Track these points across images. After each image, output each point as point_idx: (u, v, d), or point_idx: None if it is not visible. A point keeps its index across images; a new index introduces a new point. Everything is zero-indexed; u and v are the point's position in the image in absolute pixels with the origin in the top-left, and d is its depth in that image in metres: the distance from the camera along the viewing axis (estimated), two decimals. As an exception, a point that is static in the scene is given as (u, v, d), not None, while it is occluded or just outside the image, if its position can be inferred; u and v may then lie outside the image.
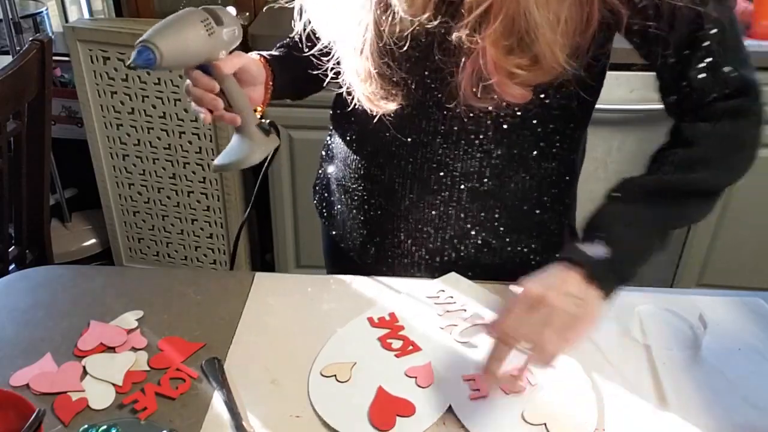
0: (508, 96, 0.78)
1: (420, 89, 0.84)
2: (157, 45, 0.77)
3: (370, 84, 0.84)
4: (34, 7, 2.21)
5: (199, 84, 0.84)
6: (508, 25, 0.72)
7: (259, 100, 0.92)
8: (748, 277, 2.07)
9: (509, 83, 0.76)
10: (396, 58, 0.82)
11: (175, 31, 0.79)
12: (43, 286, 0.92)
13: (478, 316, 0.86)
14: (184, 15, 0.81)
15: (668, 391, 0.76)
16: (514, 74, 0.75)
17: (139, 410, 0.72)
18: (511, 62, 0.74)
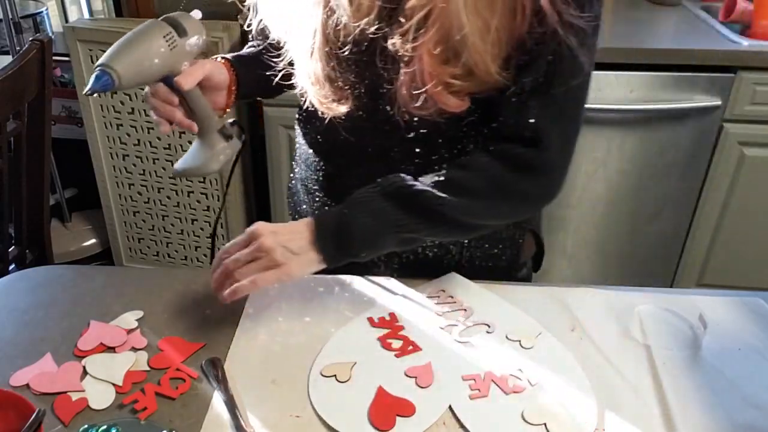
0: (445, 105, 0.78)
1: (368, 93, 0.85)
2: (114, 68, 0.76)
3: (320, 87, 0.85)
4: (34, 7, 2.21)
5: (158, 96, 0.85)
6: (442, 33, 0.73)
7: (222, 104, 0.93)
8: (747, 277, 2.07)
9: (445, 93, 0.77)
10: (342, 63, 0.83)
11: (133, 51, 0.78)
12: (43, 286, 0.92)
13: (477, 316, 0.86)
14: (144, 31, 0.80)
15: (668, 391, 0.76)
16: (449, 84, 0.76)
17: (139, 410, 0.72)
18: (446, 71, 0.75)
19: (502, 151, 0.81)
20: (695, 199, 1.97)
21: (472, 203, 0.81)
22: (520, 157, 0.80)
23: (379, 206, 0.81)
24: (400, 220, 0.80)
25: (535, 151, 0.80)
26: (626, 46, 1.79)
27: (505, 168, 0.81)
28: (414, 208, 0.80)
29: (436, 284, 0.92)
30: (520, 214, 0.88)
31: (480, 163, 0.82)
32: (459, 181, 0.81)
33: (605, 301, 0.90)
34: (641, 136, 1.87)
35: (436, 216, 0.80)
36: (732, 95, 1.81)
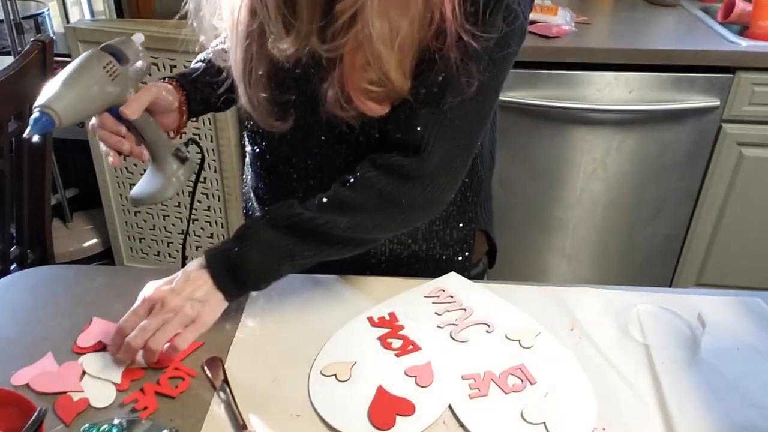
0: (364, 109, 0.79)
1: (307, 109, 0.85)
2: (53, 108, 0.74)
3: (261, 110, 0.85)
4: (35, 8, 2.21)
5: (105, 127, 0.84)
6: (357, 37, 0.74)
7: (175, 126, 0.93)
8: (746, 276, 2.07)
9: (362, 98, 0.77)
10: (281, 84, 0.84)
11: (72, 88, 0.76)
12: (45, 285, 0.93)
13: (477, 315, 0.87)
14: (82, 65, 0.78)
15: (667, 391, 0.76)
16: (366, 89, 0.77)
17: (139, 409, 0.72)
18: (363, 77, 0.76)
19: (387, 163, 0.82)
20: (694, 199, 1.98)
21: (360, 220, 0.82)
22: (403, 168, 0.81)
23: (268, 238, 0.81)
24: (291, 249, 0.81)
25: (418, 161, 0.80)
26: (625, 47, 1.79)
27: (390, 179, 0.81)
28: (304, 235, 0.81)
29: (435, 284, 0.93)
30: (409, 223, 0.87)
31: (365, 178, 0.82)
32: (345, 200, 0.81)
33: (604, 300, 0.91)
34: (640, 137, 1.88)
35: (326, 238, 0.81)
36: (731, 96, 1.81)
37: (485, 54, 0.77)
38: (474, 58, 0.76)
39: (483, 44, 0.75)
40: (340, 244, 0.83)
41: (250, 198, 1.05)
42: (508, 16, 0.76)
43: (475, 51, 0.76)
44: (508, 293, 0.91)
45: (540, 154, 1.93)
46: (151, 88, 0.86)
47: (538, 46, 1.78)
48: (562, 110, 1.84)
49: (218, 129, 1.96)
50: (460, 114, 0.80)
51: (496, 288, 0.92)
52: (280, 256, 0.81)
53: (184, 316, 0.78)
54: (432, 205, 0.85)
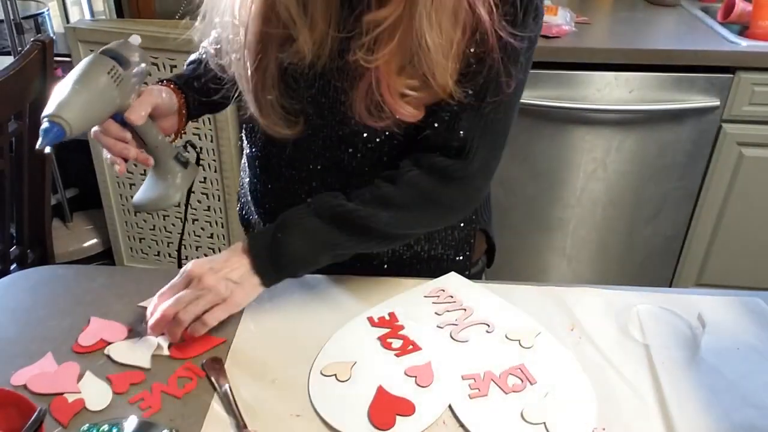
0: (400, 115, 0.79)
1: (319, 113, 0.85)
2: (63, 117, 0.74)
3: (270, 114, 0.85)
4: (35, 8, 2.21)
5: (110, 134, 0.84)
6: (402, 46, 0.74)
7: (173, 129, 0.93)
8: (746, 276, 2.07)
9: (401, 102, 0.78)
10: (296, 88, 0.84)
11: (80, 96, 0.76)
12: (45, 285, 0.93)
13: (477, 315, 0.87)
14: (88, 72, 0.78)
15: (667, 391, 0.76)
16: (404, 94, 0.77)
17: (143, 409, 0.72)
18: (402, 82, 0.77)
19: (430, 164, 0.83)
20: (694, 199, 1.98)
21: (401, 216, 0.84)
22: (447, 169, 0.83)
23: (311, 226, 0.83)
24: (332, 238, 0.83)
25: (462, 162, 0.83)
26: (625, 47, 1.79)
27: (433, 179, 0.84)
28: (345, 226, 0.83)
29: (435, 284, 0.93)
30: (446, 221, 0.92)
31: (409, 176, 0.84)
32: (388, 196, 0.83)
33: (604, 300, 0.91)
34: (640, 137, 1.88)
35: (367, 231, 0.84)
36: (731, 96, 1.81)
37: (521, 55, 0.79)
38: (513, 59, 0.78)
39: (520, 45, 0.77)
40: (380, 237, 0.85)
41: (248, 201, 1.05)
42: (536, 16, 0.78)
43: (514, 52, 0.77)
44: (508, 293, 0.91)
45: (540, 154, 1.93)
46: (152, 91, 0.86)
47: (538, 46, 1.76)
48: (562, 110, 1.84)
49: (218, 129, 1.96)
50: (498, 115, 0.82)
51: (496, 288, 0.92)
52: (321, 245, 0.83)
53: (217, 295, 0.79)
54: (469, 205, 0.89)
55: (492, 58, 0.76)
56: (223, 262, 0.82)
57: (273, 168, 0.95)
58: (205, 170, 2.04)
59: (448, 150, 0.83)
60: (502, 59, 0.77)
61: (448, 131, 0.82)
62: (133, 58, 0.82)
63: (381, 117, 0.80)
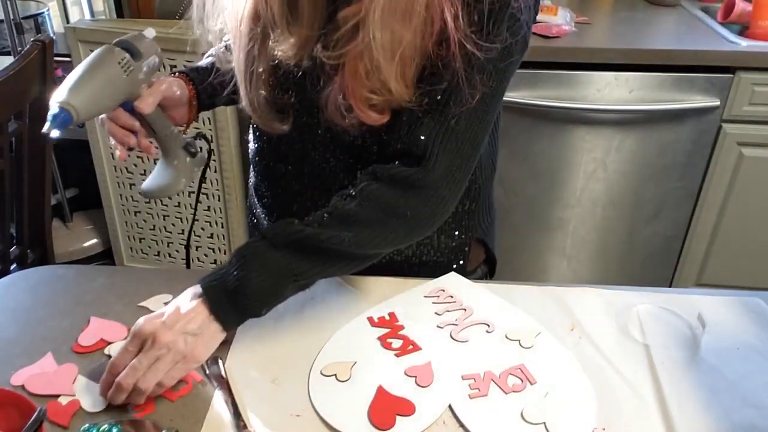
0: (365, 118, 0.78)
1: (307, 110, 0.86)
2: (71, 103, 0.75)
3: (261, 111, 0.86)
4: (35, 8, 2.21)
5: (118, 121, 0.84)
6: (360, 47, 0.73)
7: (184, 120, 0.94)
8: (746, 276, 2.07)
9: (363, 106, 0.77)
10: (284, 83, 0.84)
11: (89, 83, 0.77)
12: (45, 285, 0.93)
13: (477, 315, 0.87)
14: (99, 60, 0.79)
15: (667, 391, 0.76)
16: (367, 98, 0.76)
17: (136, 410, 0.72)
18: (364, 86, 0.76)
19: (390, 175, 0.80)
20: (694, 199, 1.98)
21: (364, 234, 0.79)
22: (408, 178, 0.79)
23: (269, 258, 0.77)
24: (295, 268, 0.77)
25: (422, 171, 0.79)
26: (625, 47, 1.79)
27: (393, 191, 0.80)
28: (306, 252, 0.78)
29: (435, 284, 0.93)
30: (413, 236, 0.85)
31: (368, 191, 0.80)
32: (348, 214, 0.79)
33: (604, 300, 0.91)
34: (640, 137, 1.88)
35: (332, 254, 0.79)
36: (731, 96, 1.81)
37: (489, 64, 0.76)
38: (477, 68, 0.76)
39: (486, 54, 0.75)
40: (346, 259, 0.80)
41: (252, 195, 1.06)
42: (512, 26, 0.76)
43: (478, 61, 0.75)
44: (508, 293, 0.91)
45: (540, 154, 1.93)
46: (162, 82, 0.87)
47: (538, 46, 1.78)
48: (562, 110, 1.84)
49: (218, 129, 1.96)
50: (463, 123, 0.79)
51: (496, 288, 0.92)
52: (283, 277, 0.77)
53: (176, 353, 0.73)
54: (436, 216, 0.83)
55: (452, 65, 0.75)
56: (176, 314, 0.75)
57: (270, 163, 0.96)
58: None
59: (409, 158, 0.80)
60: (465, 69, 0.75)
61: (409, 136, 0.79)
62: (145, 50, 0.83)
63: (348, 118, 0.79)
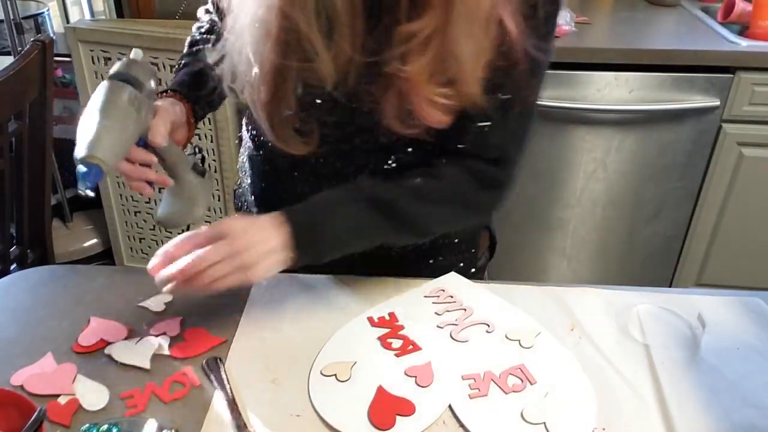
0: (429, 122, 0.79)
1: (337, 127, 0.84)
2: (98, 157, 0.73)
3: (284, 133, 0.83)
4: (35, 8, 2.21)
5: (136, 159, 0.82)
6: (436, 56, 0.74)
7: (184, 139, 0.92)
8: (746, 276, 2.07)
9: (431, 110, 0.78)
10: (313, 105, 0.82)
11: (109, 131, 0.74)
12: (45, 285, 0.93)
13: (477, 315, 0.87)
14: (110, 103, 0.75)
15: (667, 391, 0.76)
16: (434, 101, 0.77)
17: (129, 407, 0.73)
18: (433, 90, 0.76)
19: (471, 167, 0.85)
20: (694, 199, 1.98)
21: (436, 211, 0.86)
22: (486, 174, 0.85)
23: (351, 210, 0.82)
24: (370, 224, 0.83)
25: (499, 171, 0.86)
26: (625, 47, 1.79)
27: (473, 181, 0.85)
28: (385, 214, 0.83)
29: (435, 284, 0.93)
30: (472, 223, 0.94)
31: (450, 174, 0.85)
32: (429, 190, 0.84)
33: (604, 300, 0.91)
34: (640, 137, 1.88)
35: (401, 220, 0.84)
36: (731, 96, 1.81)
37: (544, 66, 0.80)
38: (537, 72, 0.80)
39: (543, 58, 0.78)
40: (413, 231, 0.86)
41: (247, 201, 1.04)
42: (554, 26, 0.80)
43: (538, 65, 0.79)
44: (508, 293, 0.91)
45: (540, 154, 1.93)
46: (167, 108, 0.85)
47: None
48: (562, 110, 1.84)
49: (218, 129, 1.96)
50: (525, 124, 0.85)
51: (496, 288, 0.92)
52: (359, 229, 0.83)
53: (243, 261, 0.76)
54: (495, 209, 0.92)
55: (518, 71, 0.77)
56: (258, 229, 0.78)
57: (280, 171, 0.94)
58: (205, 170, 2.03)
59: (482, 159, 0.85)
60: (528, 71, 0.78)
61: (481, 143, 0.84)
62: (143, 77, 0.80)
63: (412, 125, 0.79)
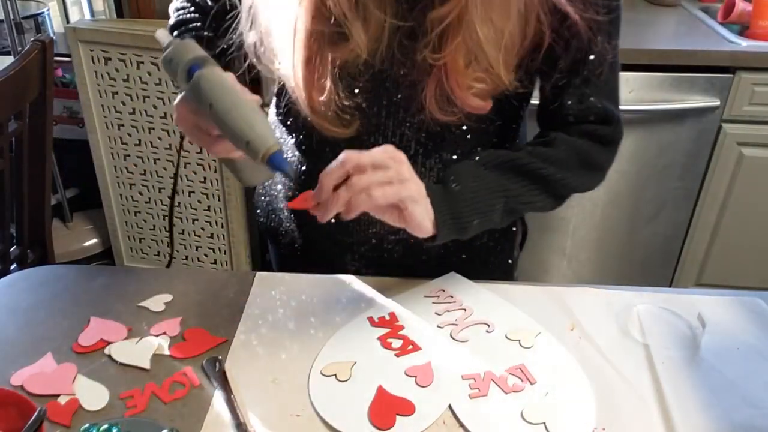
0: (469, 107, 0.80)
1: (377, 110, 0.85)
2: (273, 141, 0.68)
3: (324, 114, 0.82)
4: (35, 8, 2.21)
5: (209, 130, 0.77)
6: (462, 41, 0.75)
7: None
8: (746, 276, 2.07)
9: (469, 96, 0.79)
10: (352, 86, 0.82)
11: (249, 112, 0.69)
12: (45, 285, 0.93)
13: (477, 315, 0.87)
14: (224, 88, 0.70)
15: (667, 391, 0.76)
16: (472, 87, 0.78)
17: (129, 407, 0.73)
18: (470, 76, 0.77)
19: (581, 131, 0.88)
20: (694, 199, 1.98)
21: (562, 175, 0.86)
22: (598, 133, 0.88)
23: (484, 176, 0.83)
24: (504, 185, 0.83)
25: (608, 127, 0.88)
26: (625, 47, 1.78)
27: (591, 143, 0.88)
28: (517, 175, 0.84)
29: (435, 284, 0.93)
30: (594, 185, 0.93)
31: (564, 139, 0.87)
32: (548, 155, 0.86)
33: (604, 300, 0.91)
34: (640, 137, 1.88)
35: (537, 180, 0.85)
36: (731, 96, 1.81)
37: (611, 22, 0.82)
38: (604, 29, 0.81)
39: (605, 17, 0.79)
40: (547, 191, 0.87)
41: (277, 207, 1.01)
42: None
43: (602, 24, 0.80)
44: (508, 293, 0.91)
45: (540, 154, 1.93)
46: None
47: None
48: (562, 110, 1.83)
49: (218, 129, 1.95)
50: (615, 77, 0.88)
51: (496, 288, 0.92)
52: (496, 192, 0.83)
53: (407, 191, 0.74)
54: (610, 167, 0.92)
55: (582, 36, 0.79)
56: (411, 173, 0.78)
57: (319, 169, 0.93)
58: (205, 170, 2.04)
59: (595, 121, 0.87)
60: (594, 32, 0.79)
61: (584, 108, 0.86)
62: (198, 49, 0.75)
63: (451, 111, 0.80)
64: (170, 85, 1.93)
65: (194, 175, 2.05)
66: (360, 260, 0.96)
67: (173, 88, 1.93)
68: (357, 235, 0.93)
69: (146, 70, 1.92)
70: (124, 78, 1.95)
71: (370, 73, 0.82)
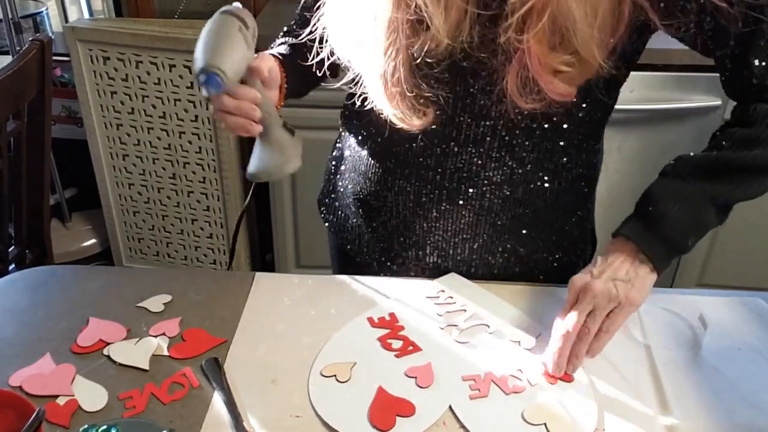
0: (554, 94, 0.77)
1: (453, 101, 0.83)
2: (221, 68, 0.74)
3: (401, 105, 0.81)
4: (34, 7, 2.21)
5: (245, 96, 0.79)
6: (551, 21, 0.71)
7: (275, 102, 0.89)
8: (747, 277, 2.07)
9: (555, 81, 0.75)
10: (429, 76, 0.80)
11: (227, 48, 0.75)
12: (43, 286, 0.92)
13: (478, 316, 0.86)
14: (224, 28, 0.77)
15: (668, 391, 0.76)
16: (559, 71, 0.75)
17: (128, 408, 0.72)
18: (556, 59, 0.74)
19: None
20: (695, 199, 1.97)
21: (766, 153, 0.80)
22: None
23: (683, 189, 0.79)
24: (711, 190, 0.79)
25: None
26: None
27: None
28: (719, 174, 0.80)
29: (436, 284, 0.92)
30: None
31: (760, 111, 0.81)
32: (749, 137, 0.80)
33: (605, 301, 0.90)
34: (641, 136, 1.88)
35: (744, 171, 0.80)
36: (732, 95, 1.81)
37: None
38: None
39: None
40: (754, 173, 0.80)
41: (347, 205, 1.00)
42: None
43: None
44: (508, 293, 0.91)
45: (540, 153, 1.92)
46: (265, 56, 0.84)
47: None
48: (562, 110, 1.83)
49: (218, 128, 1.95)
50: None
51: (496, 288, 0.92)
52: (702, 201, 0.79)
53: (610, 298, 0.76)
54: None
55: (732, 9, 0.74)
56: (603, 264, 0.79)
57: (392, 164, 0.91)
58: (204, 170, 2.03)
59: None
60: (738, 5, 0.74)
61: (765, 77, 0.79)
62: (249, 21, 0.80)
63: (534, 98, 0.77)
64: (169, 85, 1.92)
65: (194, 175, 2.05)
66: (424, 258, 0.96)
67: (172, 88, 1.93)
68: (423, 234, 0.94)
69: (145, 70, 1.92)
70: (123, 77, 1.95)
71: (448, 63, 0.80)
